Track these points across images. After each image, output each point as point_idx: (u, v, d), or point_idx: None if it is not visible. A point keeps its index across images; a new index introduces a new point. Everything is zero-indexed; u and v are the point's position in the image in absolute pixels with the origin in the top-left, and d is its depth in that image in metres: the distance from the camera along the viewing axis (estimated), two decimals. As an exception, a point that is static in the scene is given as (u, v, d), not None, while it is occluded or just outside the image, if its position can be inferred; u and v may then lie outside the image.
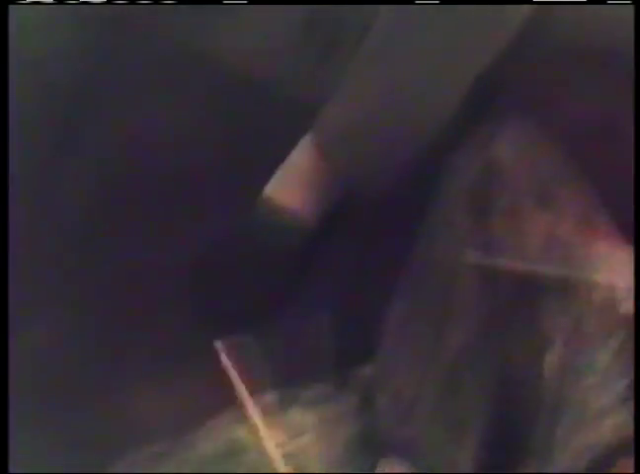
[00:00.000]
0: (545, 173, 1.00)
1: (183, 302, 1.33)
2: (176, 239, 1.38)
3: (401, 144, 1.34)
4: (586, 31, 1.27)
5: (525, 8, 1.21)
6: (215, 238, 1.38)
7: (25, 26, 1.28)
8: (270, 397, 1.00)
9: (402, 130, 1.33)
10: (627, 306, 0.94)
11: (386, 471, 0.97)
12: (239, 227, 1.39)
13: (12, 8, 1.15)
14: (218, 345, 1.07)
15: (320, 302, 1.33)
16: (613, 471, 0.78)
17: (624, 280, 0.95)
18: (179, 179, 1.43)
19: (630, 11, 1.16)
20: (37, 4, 1.24)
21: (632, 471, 0.76)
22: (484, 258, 0.97)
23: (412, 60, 1.26)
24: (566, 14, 1.26)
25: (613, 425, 0.89)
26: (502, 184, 0.99)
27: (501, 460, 0.95)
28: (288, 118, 1.46)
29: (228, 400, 1.02)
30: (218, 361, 1.23)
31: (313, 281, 1.36)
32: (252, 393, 1.02)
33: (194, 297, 1.35)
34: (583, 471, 0.83)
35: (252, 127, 1.51)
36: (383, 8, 1.27)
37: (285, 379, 1.03)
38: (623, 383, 0.91)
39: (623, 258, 0.96)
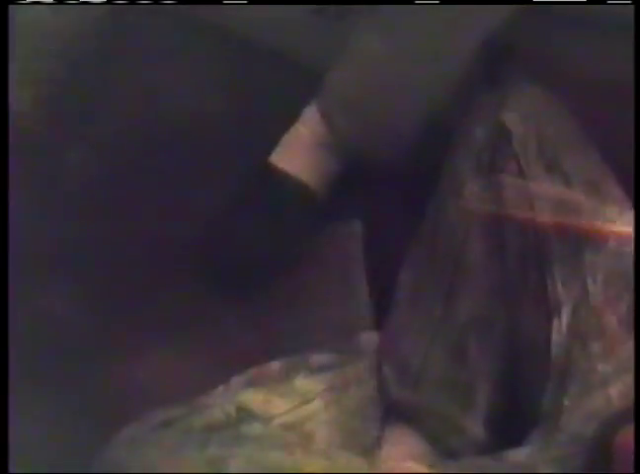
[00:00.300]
0: (554, 138, 0.99)
1: (192, 267, 1.33)
2: (184, 205, 1.39)
3: (407, 111, 1.34)
4: None
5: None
6: (222, 205, 1.38)
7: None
8: (276, 364, 1.00)
9: (408, 97, 1.32)
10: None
11: (393, 438, 0.97)
12: (246, 194, 1.39)
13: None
14: None
15: (329, 267, 1.33)
16: (618, 438, 0.77)
17: (632, 246, 0.95)
18: (186, 146, 1.43)
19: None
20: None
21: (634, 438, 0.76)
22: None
23: (418, 26, 1.26)
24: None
25: (619, 391, 0.89)
26: (511, 149, 0.98)
27: (508, 427, 0.95)
28: (296, 85, 1.45)
29: (239, 364, 1.01)
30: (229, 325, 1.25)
31: (320, 249, 1.36)
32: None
33: (203, 262, 1.35)
34: (589, 437, 0.83)
35: (259, 95, 1.51)
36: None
37: (292, 346, 1.02)
38: (629, 349, 0.91)
39: (631, 223, 0.95)
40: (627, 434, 0.76)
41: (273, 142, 1.38)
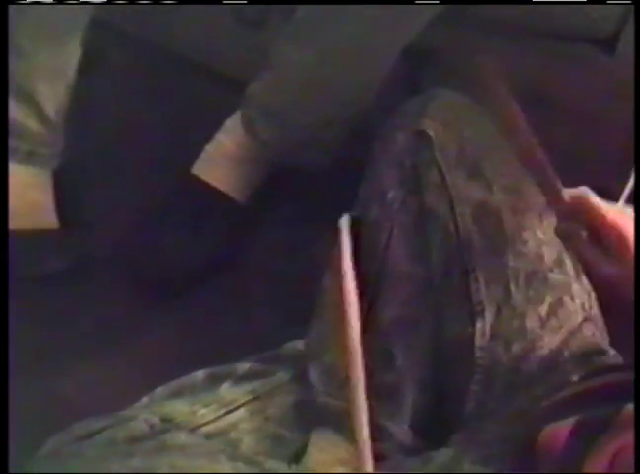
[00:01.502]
0: (475, 144, 1.00)
1: (115, 277, 1.32)
2: (107, 214, 1.38)
3: (329, 118, 1.34)
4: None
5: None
6: (144, 215, 1.38)
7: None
8: (200, 374, 0.99)
9: (330, 105, 1.33)
10: (554, 276, 0.95)
11: (320, 444, 0.96)
12: (168, 205, 1.38)
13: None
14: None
15: (253, 276, 1.33)
16: (543, 436, 0.78)
17: (551, 251, 0.95)
18: (108, 155, 1.42)
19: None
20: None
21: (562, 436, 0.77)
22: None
23: (337, 36, 1.27)
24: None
25: (543, 391, 0.89)
26: (432, 156, 0.98)
27: (435, 429, 0.95)
28: (219, 95, 1.45)
29: (163, 374, 0.99)
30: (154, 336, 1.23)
31: (246, 255, 1.36)
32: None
33: (125, 272, 1.34)
34: (514, 437, 0.83)
35: (182, 105, 1.50)
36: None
37: (217, 354, 1.01)
38: (551, 350, 0.92)
39: (551, 228, 0.96)
40: (550, 433, 0.77)
41: (195, 153, 1.38)
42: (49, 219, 1.35)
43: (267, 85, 1.35)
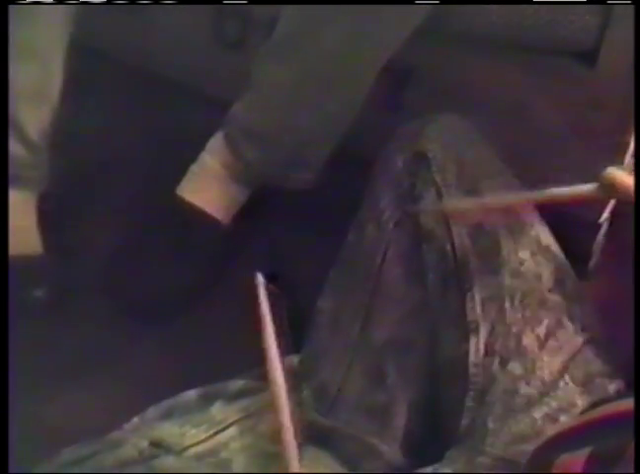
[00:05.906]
0: (473, 165, 1.00)
1: (99, 300, 1.32)
2: (92, 233, 1.38)
3: (312, 138, 1.34)
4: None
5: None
6: (129, 238, 1.37)
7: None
8: (192, 393, 0.98)
9: (312, 124, 1.33)
10: (552, 297, 0.94)
11: (310, 462, 0.95)
12: (154, 226, 1.38)
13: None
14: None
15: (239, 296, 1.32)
16: (557, 467, 0.76)
17: (550, 271, 0.95)
18: (93, 177, 1.42)
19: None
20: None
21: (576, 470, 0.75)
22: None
23: (318, 54, 1.26)
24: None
25: (544, 414, 0.88)
26: (430, 176, 0.99)
27: (430, 449, 0.94)
28: (203, 116, 1.45)
29: (150, 398, 0.99)
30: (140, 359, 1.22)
31: (231, 276, 1.35)
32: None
33: (110, 295, 1.34)
34: (518, 461, 0.82)
35: (165, 126, 1.50)
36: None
37: (203, 377, 1.01)
38: (551, 373, 0.90)
39: (548, 247, 0.96)
40: (564, 464, 0.74)
41: (181, 173, 1.38)
42: (34, 244, 1.34)
43: (249, 105, 1.35)
